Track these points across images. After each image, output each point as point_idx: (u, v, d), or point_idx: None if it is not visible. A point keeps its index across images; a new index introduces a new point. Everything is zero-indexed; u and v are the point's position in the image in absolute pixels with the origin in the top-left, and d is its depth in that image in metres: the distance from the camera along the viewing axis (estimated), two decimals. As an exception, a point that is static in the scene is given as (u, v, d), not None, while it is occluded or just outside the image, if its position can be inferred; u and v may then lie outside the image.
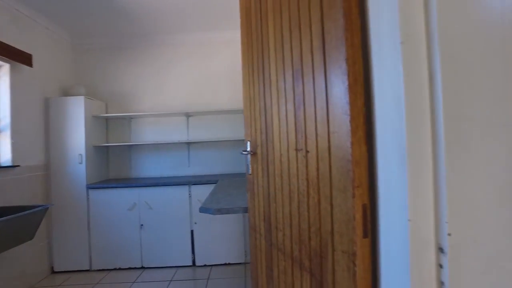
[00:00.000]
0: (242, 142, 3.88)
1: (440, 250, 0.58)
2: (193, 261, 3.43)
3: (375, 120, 0.72)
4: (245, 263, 3.41)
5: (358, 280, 0.77)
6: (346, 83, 0.76)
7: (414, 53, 0.59)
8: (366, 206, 0.76)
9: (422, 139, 0.59)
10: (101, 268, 3.39)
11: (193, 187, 3.42)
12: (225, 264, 3.44)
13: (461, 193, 0.56)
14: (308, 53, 0.95)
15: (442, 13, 0.57)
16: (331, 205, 0.85)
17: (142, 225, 3.39)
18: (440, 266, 0.59)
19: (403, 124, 0.60)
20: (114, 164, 4.02)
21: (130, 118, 4.00)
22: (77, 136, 3.39)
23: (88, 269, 3.38)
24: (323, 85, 0.87)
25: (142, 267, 3.41)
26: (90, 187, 3.37)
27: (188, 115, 4.01)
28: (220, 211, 1.84)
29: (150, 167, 4.03)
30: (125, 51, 4.06)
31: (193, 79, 4.07)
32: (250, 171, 1.55)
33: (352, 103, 0.75)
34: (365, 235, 0.77)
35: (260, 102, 1.37)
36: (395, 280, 0.67)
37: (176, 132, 4.05)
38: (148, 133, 4.05)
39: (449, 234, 0.56)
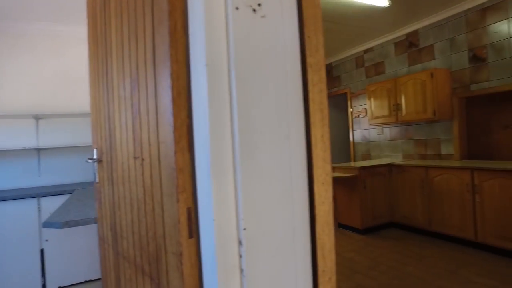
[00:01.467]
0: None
1: (240, 242, 0.69)
2: (43, 285, 3.02)
3: (193, 131, 0.80)
4: (108, 277, 3.18)
5: (185, 277, 0.83)
6: (170, 96, 0.81)
7: (216, 75, 0.69)
8: (191, 209, 0.83)
9: (223, 149, 0.68)
10: None
11: (44, 200, 3.02)
12: (85, 282, 3.14)
13: (253, 194, 0.68)
14: (143, 64, 0.98)
15: (237, 43, 0.68)
16: (163, 210, 0.90)
17: (-30, 250, 2.81)
18: (240, 256, 0.69)
19: (207, 135, 0.68)
20: None
21: (-45, 119, 3.27)
22: None
23: None
24: (154, 97, 0.91)
25: (-31, 304, 2.83)
26: None
27: (37, 118, 3.52)
28: (68, 224, 1.69)
29: (-15, 178, 3.37)
30: None
31: (45, 77, 3.58)
32: (97, 180, 1.48)
33: (176, 115, 0.81)
34: (190, 236, 0.84)
35: (105, 108, 1.33)
36: (210, 272, 0.75)
37: (22, 137, 3.49)
38: (-18, 137, 3.37)
39: (244, 229, 0.67)
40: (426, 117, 4.29)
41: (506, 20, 3.67)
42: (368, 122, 5.52)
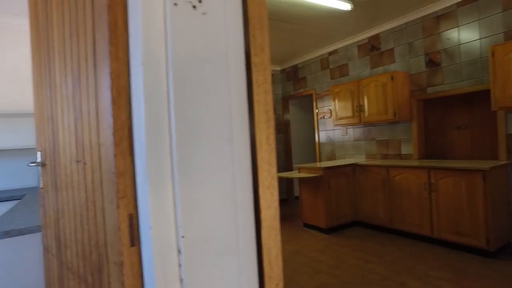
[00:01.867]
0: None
1: (179, 251, 0.66)
2: (-11, 298, 2.80)
3: (133, 134, 0.75)
4: None
5: (126, 288, 0.79)
6: (110, 96, 0.77)
7: (153, 74, 0.65)
8: (133, 216, 0.79)
9: (160, 152, 0.65)
10: None
11: (-12, 206, 2.81)
12: (38, 292, 2.95)
13: (191, 199, 0.65)
14: (84, 61, 0.92)
15: (175, 41, 0.65)
16: (104, 217, 0.85)
17: None
18: (180, 265, 0.66)
19: (143, 139, 0.65)
20: None
21: None
22: None
23: None
24: (94, 96, 0.86)
25: None
26: None
27: (-20, 117, 3.27)
28: (9, 234, 1.58)
29: None
30: None
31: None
32: (41, 185, 1.39)
33: (116, 116, 0.77)
34: (132, 244, 0.79)
35: (48, 108, 1.24)
36: (151, 283, 0.71)
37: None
38: None
39: (183, 237, 0.64)
40: (387, 118, 4.43)
41: (457, 28, 3.88)
42: (333, 123, 5.64)
